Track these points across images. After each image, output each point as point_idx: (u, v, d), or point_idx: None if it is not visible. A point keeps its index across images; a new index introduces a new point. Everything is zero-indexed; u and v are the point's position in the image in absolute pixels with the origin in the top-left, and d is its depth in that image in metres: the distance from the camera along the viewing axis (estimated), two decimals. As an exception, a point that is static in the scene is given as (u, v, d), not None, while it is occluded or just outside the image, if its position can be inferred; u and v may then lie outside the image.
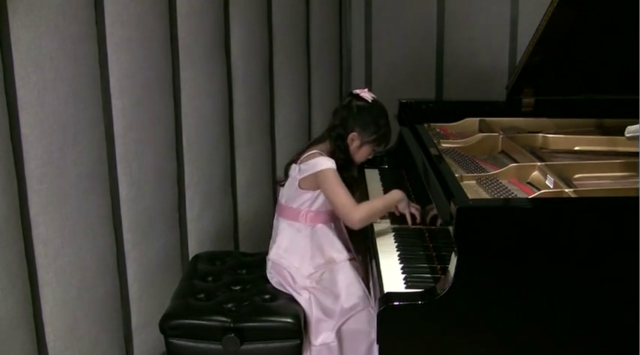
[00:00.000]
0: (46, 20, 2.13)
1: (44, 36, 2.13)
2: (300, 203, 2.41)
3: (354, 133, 2.40)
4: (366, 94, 2.44)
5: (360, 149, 2.44)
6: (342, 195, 2.31)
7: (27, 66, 2.09)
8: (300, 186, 2.40)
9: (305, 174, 2.37)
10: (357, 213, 2.32)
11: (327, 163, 2.34)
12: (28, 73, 2.10)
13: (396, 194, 2.42)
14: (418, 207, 2.45)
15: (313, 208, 2.40)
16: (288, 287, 2.41)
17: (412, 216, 2.42)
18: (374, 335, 2.24)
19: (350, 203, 2.31)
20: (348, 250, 2.44)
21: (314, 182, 2.37)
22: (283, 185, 2.49)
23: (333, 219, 2.45)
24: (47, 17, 2.13)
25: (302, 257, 2.41)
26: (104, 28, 2.38)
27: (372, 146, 2.45)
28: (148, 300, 2.71)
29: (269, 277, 2.47)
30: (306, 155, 2.40)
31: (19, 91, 2.09)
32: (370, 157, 2.53)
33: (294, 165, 2.44)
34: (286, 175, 2.48)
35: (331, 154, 2.40)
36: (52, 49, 2.15)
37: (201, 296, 2.40)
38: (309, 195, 2.39)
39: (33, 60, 2.10)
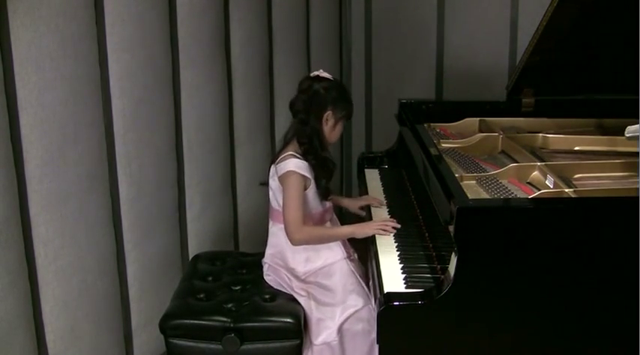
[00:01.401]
0: (46, 20, 2.13)
1: (44, 36, 2.13)
2: None
3: (328, 112, 2.36)
4: (326, 74, 2.41)
5: (334, 128, 2.40)
6: (294, 208, 2.30)
7: (27, 66, 2.10)
8: (282, 187, 2.36)
9: (279, 175, 2.35)
10: (298, 234, 2.31)
11: (295, 166, 2.31)
12: (28, 73, 2.10)
13: (345, 231, 2.39)
14: (385, 222, 2.40)
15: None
16: (286, 288, 2.41)
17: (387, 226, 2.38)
18: (374, 334, 2.24)
19: (298, 220, 2.30)
20: (345, 248, 2.43)
21: None
22: (266, 185, 2.47)
23: (326, 219, 2.44)
24: (47, 17, 2.13)
25: (296, 260, 2.40)
26: (104, 28, 2.38)
27: (343, 121, 2.42)
28: (148, 300, 2.71)
29: (267, 279, 2.47)
30: (282, 156, 2.37)
31: (19, 91, 2.09)
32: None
33: (272, 166, 2.42)
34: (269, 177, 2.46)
35: (304, 151, 2.35)
36: (52, 49, 2.15)
37: (201, 296, 2.40)
38: None
39: (33, 60, 2.11)
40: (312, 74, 2.43)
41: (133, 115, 2.54)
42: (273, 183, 2.41)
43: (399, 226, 2.38)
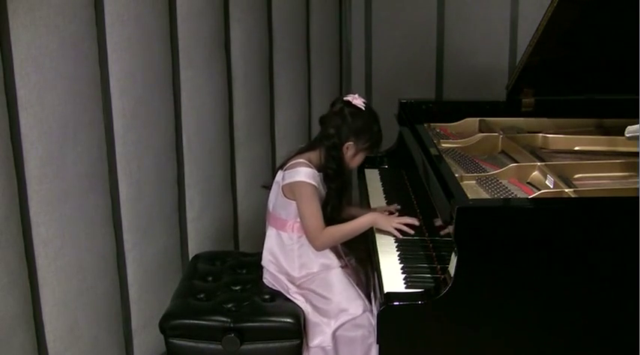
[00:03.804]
0: (46, 20, 2.13)
1: (44, 36, 2.13)
2: (287, 213, 2.37)
3: (349, 143, 2.36)
4: (359, 101, 2.38)
5: (354, 157, 2.41)
6: (311, 215, 2.29)
7: (27, 66, 2.09)
8: (284, 194, 2.36)
9: (287, 182, 2.33)
10: (320, 239, 2.30)
11: (307, 176, 2.30)
12: (28, 73, 2.10)
13: (366, 219, 2.37)
14: (406, 221, 2.35)
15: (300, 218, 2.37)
16: (284, 292, 2.40)
17: (405, 227, 2.35)
18: (371, 340, 2.24)
19: (317, 226, 2.29)
20: (340, 256, 2.42)
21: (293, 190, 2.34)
22: (269, 188, 2.47)
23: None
24: (47, 17, 2.13)
25: (292, 266, 2.39)
26: (104, 28, 2.38)
27: (366, 152, 2.43)
28: (148, 300, 2.71)
29: (265, 283, 2.46)
30: (292, 162, 2.36)
31: (19, 91, 2.09)
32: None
33: (280, 172, 2.41)
34: (274, 180, 2.46)
35: (321, 164, 2.36)
36: (52, 49, 2.15)
37: (201, 296, 2.40)
38: (294, 205, 2.35)
39: (33, 60, 2.11)
40: (345, 97, 2.40)
41: (133, 115, 2.54)
42: (277, 187, 2.40)
43: (417, 223, 2.32)
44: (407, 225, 2.34)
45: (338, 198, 2.41)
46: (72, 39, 2.23)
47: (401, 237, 2.33)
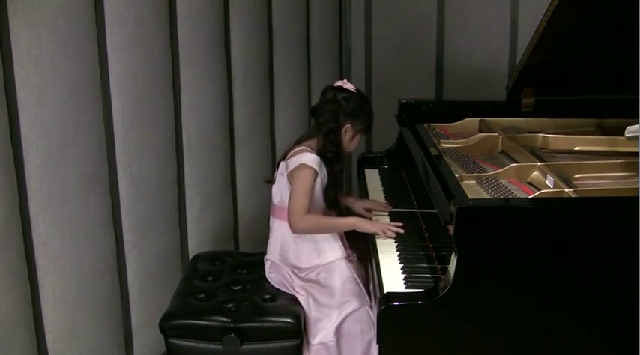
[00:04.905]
0: (46, 20, 2.13)
1: (44, 36, 2.13)
2: None
3: (347, 125, 2.41)
4: (349, 85, 2.45)
5: (352, 139, 2.45)
6: (300, 196, 2.31)
7: (27, 66, 2.10)
8: (290, 183, 2.39)
9: (291, 168, 2.36)
10: (300, 223, 2.32)
11: (311, 161, 2.34)
12: (28, 73, 2.10)
13: (348, 221, 2.40)
14: (392, 228, 2.35)
15: None
16: (288, 287, 2.41)
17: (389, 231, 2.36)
18: (370, 335, 2.25)
19: (301, 208, 2.31)
20: (344, 248, 2.44)
21: None
22: (274, 183, 2.49)
23: (327, 216, 2.45)
24: (47, 17, 2.13)
25: (298, 256, 2.41)
26: (104, 28, 2.38)
27: (362, 133, 2.47)
28: (148, 300, 2.71)
29: (269, 278, 2.47)
30: (294, 151, 2.40)
31: (19, 91, 2.09)
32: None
33: (282, 163, 2.45)
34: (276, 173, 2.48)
35: (321, 149, 2.39)
36: (52, 49, 2.15)
37: (201, 296, 2.40)
38: None
39: (33, 60, 2.11)
40: (336, 83, 2.46)
41: (133, 115, 2.54)
42: (282, 179, 2.42)
43: (401, 231, 2.35)
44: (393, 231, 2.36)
45: (339, 181, 2.43)
46: (72, 39, 2.23)
47: (385, 237, 2.34)
